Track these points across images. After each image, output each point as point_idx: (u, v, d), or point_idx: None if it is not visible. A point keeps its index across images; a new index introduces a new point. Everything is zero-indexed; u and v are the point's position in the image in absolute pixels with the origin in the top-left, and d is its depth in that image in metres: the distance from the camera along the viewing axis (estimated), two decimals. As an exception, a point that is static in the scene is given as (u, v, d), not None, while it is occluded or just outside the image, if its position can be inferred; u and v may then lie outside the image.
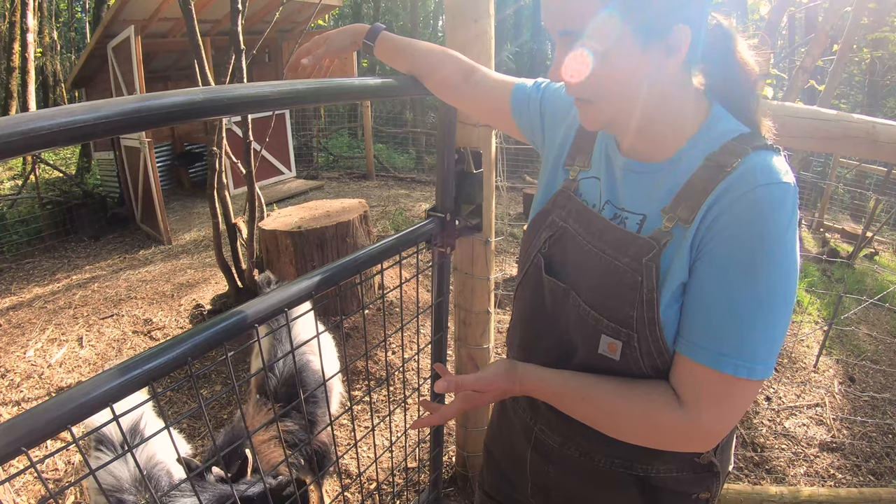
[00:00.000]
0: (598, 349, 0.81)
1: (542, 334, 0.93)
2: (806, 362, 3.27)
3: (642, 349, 0.77)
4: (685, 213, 0.73)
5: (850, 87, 12.65)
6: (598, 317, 0.80)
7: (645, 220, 0.79)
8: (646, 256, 0.75)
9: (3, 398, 3.08)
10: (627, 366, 0.79)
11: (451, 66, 1.11)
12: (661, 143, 0.79)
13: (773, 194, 0.68)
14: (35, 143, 0.63)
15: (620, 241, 0.79)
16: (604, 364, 0.81)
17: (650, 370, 0.78)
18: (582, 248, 0.85)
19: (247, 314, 0.91)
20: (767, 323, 0.69)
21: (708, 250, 0.71)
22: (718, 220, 0.70)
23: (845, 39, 4.48)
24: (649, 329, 0.75)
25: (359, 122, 10.48)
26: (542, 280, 0.91)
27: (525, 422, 1.00)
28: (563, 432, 0.92)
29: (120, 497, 1.49)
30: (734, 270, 0.69)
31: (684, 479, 0.88)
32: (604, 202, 0.86)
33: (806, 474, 2.37)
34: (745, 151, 0.72)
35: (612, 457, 0.88)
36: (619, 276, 0.77)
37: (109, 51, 6.17)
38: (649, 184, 0.80)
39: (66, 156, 10.23)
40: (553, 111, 1.00)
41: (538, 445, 0.97)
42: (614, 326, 0.78)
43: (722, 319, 0.70)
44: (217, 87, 0.83)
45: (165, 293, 4.37)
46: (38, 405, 0.73)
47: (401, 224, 5.93)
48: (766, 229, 0.68)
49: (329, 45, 1.16)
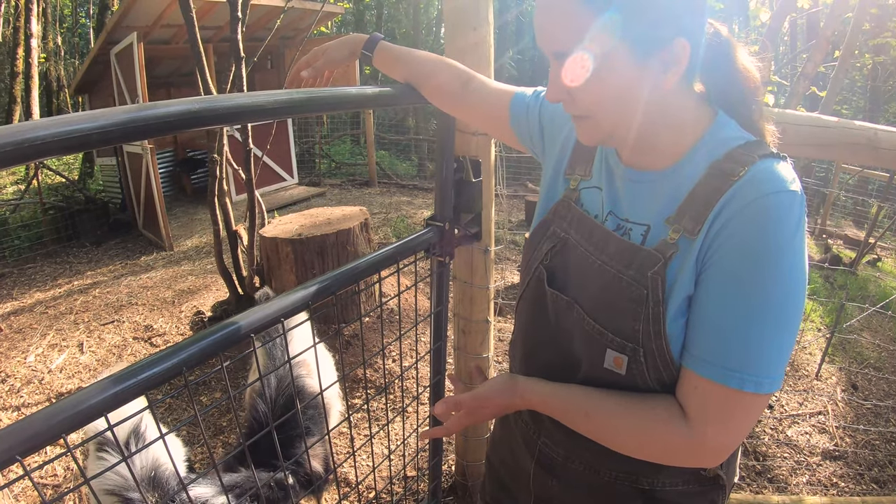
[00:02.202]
0: (603, 363, 0.79)
1: (545, 348, 0.91)
2: (808, 370, 3.25)
3: (648, 363, 0.75)
4: (690, 224, 0.72)
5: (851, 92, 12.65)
6: (603, 331, 0.79)
7: (649, 230, 0.77)
8: (651, 269, 0.74)
9: (3, 403, 3.08)
10: (633, 380, 0.78)
11: (448, 74, 1.11)
12: (662, 153, 0.78)
13: (781, 202, 0.67)
14: (30, 153, 0.63)
15: (624, 253, 0.78)
16: (609, 378, 0.80)
17: (656, 384, 0.77)
18: (585, 260, 0.83)
19: (242, 325, 0.91)
20: (774, 334, 0.67)
21: (714, 261, 0.70)
22: (725, 229, 0.68)
23: (847, 45, 4.47)
24: (655, 343, 0.74)
25: (361, 129, 10.50)
26: (545, 293, 0.89)
27: (528, 435, 0.99)
28: (568, 446, 0.90)
29: (126, 496, 1.51)
30: (740, 280, 0.68)
31: (690, 492, 0.87)
32: (606, 213, 0.84)
33: (808, 483, 2.35)
34: (751, 160, 0.70)
35: (618, 470, 0.86)
36: (624, 289, 0.76)
37: (112, 57, 6.20)
38: (651, 193, 0.79)
39: (68, 161, 10.26)
40: (551, 119, 0.99)
41: (542, 459, 0.96)
42: (620, 341, 0.77)
43: (727, 332, 0.69)
44: (213, 97, 0.83)
45: (166, 299, 4.37)
46: (33, 414, 0.73)
47: (402, 231, 5.93)
48: (773, 237, 0.66)
49: (328, 56, 1.16)
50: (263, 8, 6.48)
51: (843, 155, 1.41)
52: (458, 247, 1.53)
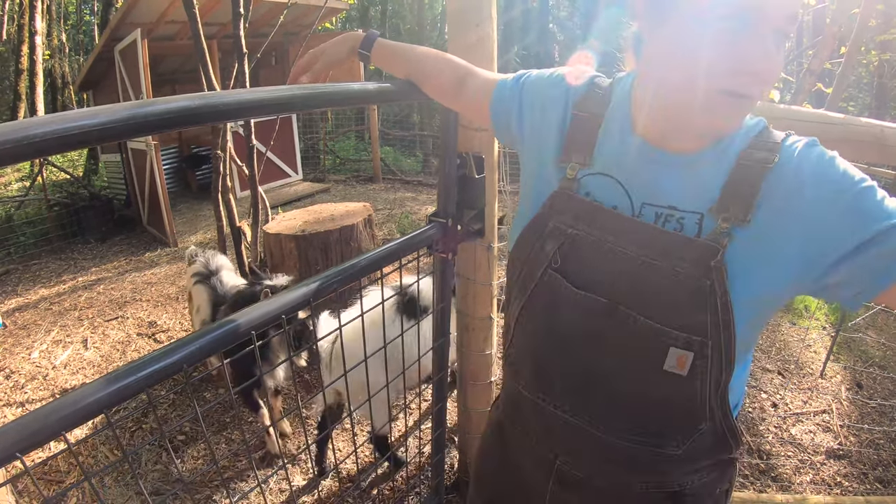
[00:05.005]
0: (663, 365, 0.74)
1: (569, 361, 0.83)
2: (813, 368, 3.23)
3: (713, 359, 0.72)
4: (740, 213, 0.71)
5: (858, 89, 12.55)
6: (664, 328, 0.73)
7: (703, 219, 0.74)
8: (713, 259, 0.70)
9: (7, 399, 3.09)
10: (693, 382, 0.74)
11: (447, 70, 1.08)
12: (714, 138, 0.76)
13: (824, 151, 0.72)
14: (30, 150, 0.63)
15: (674, 246, 0.73)
16: (663, 382, 0.75)
17: (713, 387, 0.74)
18: (615, 256, 0.77)
19: (242, 322, 0.91)
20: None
21: (824, 226, 0.68)
22: (800, 202, 0.69)
23: (853, 42, 4.44)
24: (724, 335, 0.71)
25: (366, 125, 10.47)
26: (566, 299, 0.81)
27: (542, 456, 0.93)
28: (593, 463, 0.87)
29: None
30: (868, 193, 0.67)
31: (711, 480, 0.87)
32: (640, 204, 0.79)
33: (812, 482, 2.34)
34: (776, 145, 0.73)
35: (647, 481, 0.85)
36: (682, 282, 0.72)
37: (116, 54, 6.21)
38: (692, 178, 0.76)
39: (73, 158, 10.30)
40: (532, 101, 0.93)
41: (561, 478, 0.91)
42: (686, 336, 0.72)
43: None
44: (213, 93, 0.83)
45: (170, 295, 4.39)
46: (34, 410, 0.73)
47: (407, 227, 5.93)
48: (844, 166, 0.70)
49: (327, 58, 1.14)
50: (267, 4, 6.47)
51: (849, 152, 1.38)
52: (461, 243, 1.52)
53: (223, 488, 2.26)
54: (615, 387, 0.80)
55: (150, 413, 2.79)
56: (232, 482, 2.32)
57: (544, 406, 0.87)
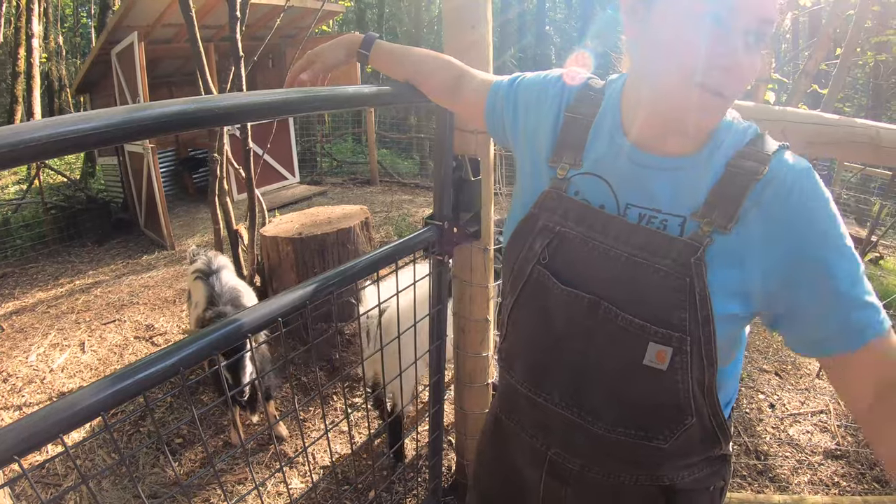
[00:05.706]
0: (642, 360, 0.76)
1: (558, 355, 0.85)
2: (810, 369, 3.24)
3: (693, 355, 0.74)
4: (722, 220, 0.72)
5: (853, 90, 12.61)
6: (644, 324, 0.75)
7: (685, 221, 0.76)
8: (693, 256, 0.72)
9: (4, 403, 3.08)
10: (673, 376, 0.75)
11: (444, 70, 1.10)
12: (693, 136, 0.77)
13: (814, 176, 0.72)
14: (26, 154, 0.63)
15: (657, 244, 0.75)
16: (647, 376, 0.77)
17: (696, 384, 0.75)
18: (601, 253, 0.79)
19: (241, 324, 0.91)
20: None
21: (789, 252, 0.71)
22: (774, 221, 0.71)
23: (849, 43, 4.46)
24: (703, 331, 0.73)
25: (363, 128, 10.49)
26: (552, 294, 0.83)
27: (534, 447, 0.95)
28: (585, 455, 0.88)
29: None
30: (834, 247, 0.70)
31: (703, 476, 0.87)
32: (624, 204, 0.80)
33: (810, 482, 2.34)
34: (766, 157, 0.73)
35: (640, 473, 0.86)
36: (662, 279, 0.74)
37: (113, 57, 6.20)
38: (678, 182, 0.77)
39: (70, 161, 10.28)
40: (527, 103, 0.94)
41: (554, 469, 0.92)
42: (665, 332, 0.74)
43: (852, 292, 0.69)
44: (209, 97, 0.83)
45: (168, 299, 4.38)
46: (31, 414, 0.73)
47: (404, 230, 5.93)
48: (826, 201, 0.71)
49: (324, 60, 1.14)
50: (264, 7, 6.48)
51: (844, 153, 1.40)
52: (458, 245, 1.53)
53: (220, 491, 2.25)
54: (602, 380, 0.82)
55: (147, 416, 2.78)
56: (229, 485, 2.32)
57: (536, 399, 0.89)
